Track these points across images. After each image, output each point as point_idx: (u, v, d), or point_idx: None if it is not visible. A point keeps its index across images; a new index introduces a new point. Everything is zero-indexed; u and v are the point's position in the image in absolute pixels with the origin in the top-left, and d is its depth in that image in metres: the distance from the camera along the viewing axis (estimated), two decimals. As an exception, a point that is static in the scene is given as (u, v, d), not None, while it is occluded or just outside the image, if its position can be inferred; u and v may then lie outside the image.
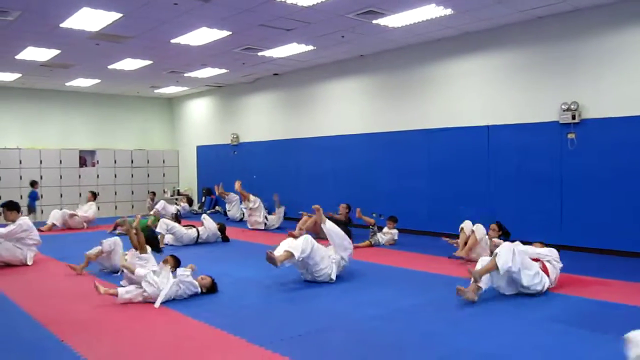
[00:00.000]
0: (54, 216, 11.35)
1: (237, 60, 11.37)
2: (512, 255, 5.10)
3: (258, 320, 4.70)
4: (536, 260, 5.54)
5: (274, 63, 11.75)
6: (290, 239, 6.20)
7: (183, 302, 5.28)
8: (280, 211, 11.44)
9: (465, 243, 7.21)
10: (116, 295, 5.23)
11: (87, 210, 12.12)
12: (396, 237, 9.03)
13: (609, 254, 7.63)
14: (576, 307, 4.99)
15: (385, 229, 9.11)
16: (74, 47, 9.78)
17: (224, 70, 12.46)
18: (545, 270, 5.47)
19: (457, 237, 7.47)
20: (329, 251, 6.20)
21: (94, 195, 12.47)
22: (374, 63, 10.99)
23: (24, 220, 7.43)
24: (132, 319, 4.81)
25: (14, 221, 7.35)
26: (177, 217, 11.13)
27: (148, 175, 16.13)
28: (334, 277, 6.09)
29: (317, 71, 12.19)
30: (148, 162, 16.14)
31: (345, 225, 9.60)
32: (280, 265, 5.74)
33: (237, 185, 11.40)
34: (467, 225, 7.32)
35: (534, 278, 5.24)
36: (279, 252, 5.82)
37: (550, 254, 5.67)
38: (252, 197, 11.17)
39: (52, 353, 3.95)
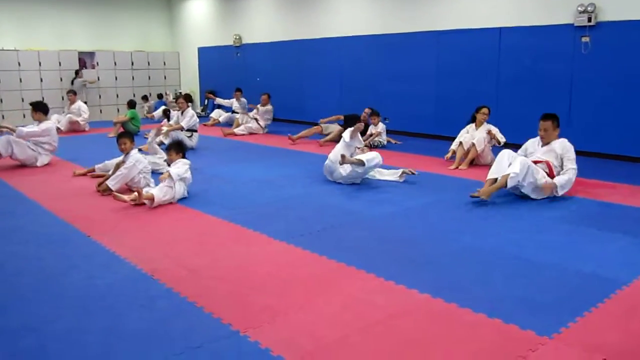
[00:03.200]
0: (58, 120, 11.26)
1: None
2: (525, 174, 5.20)
3: (275, 218, 4.86)
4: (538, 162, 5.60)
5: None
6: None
7: (200, 200, 5.43)
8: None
9: (466, 156, 7.27)
10: (152, 199, 5.14)
11: (82, 112, 11.76)
12: (380, 129, 9.08)
13: (617, 159, 7.74)
14: (584, 209, 5.15)
15: (372, 128, 9.09)
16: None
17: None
18: (551, 172, 5.53)
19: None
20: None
21: (75, 94, 12.08)
22: (383, -40, 10.52)
23: (49, 125, 7.43)
24: (153, 216, 4.97)
25: (40, 121, 7.36)
26: (167, 115, 11.03)
27: (149, 78, 15.88)
28: (359, 180, 6.23)
29: (323, -32, 11.70)
30: (149, 64, 15.84)
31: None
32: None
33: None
34: (465, 138, 7.35)
35: (539, 193, 5.38)
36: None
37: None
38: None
39: (82, 247, 4.12)
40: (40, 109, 7.47)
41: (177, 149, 5.74)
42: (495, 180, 5.29)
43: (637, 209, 5.09)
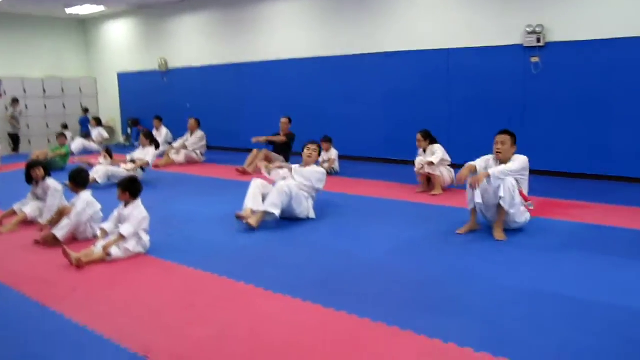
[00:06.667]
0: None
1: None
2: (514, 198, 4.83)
3: (263, 265, 4.28)
4: None
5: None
6: (258, 183, 5.59)
7: (168, 248, 4.71)
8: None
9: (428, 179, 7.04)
10: (109, 255, 4.37)
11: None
12: (334, 156, 8.66)
13: (570, 177, 7.81)
14: (577, 232, 5.00)
15: (323, 154, 8.57)
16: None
17: (151, -13, 11.18)
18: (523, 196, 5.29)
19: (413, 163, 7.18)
20: (301, 187, 5.69)
21: None
22: (322, -19, 10.25)
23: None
24: (119, 271, 4.22)
25: None
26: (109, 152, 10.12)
27: (64, 106, 14.62)
28: (312, 214, 5.71)
29: (257, -11, 11.25)
30: (63, 91, 14.58)
31: (288, 145, 9.14)
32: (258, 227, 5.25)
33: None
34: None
35: (518, 206, 5.01)
36: (252, 212, 5.31)
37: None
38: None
39: (39, 323, 3.33)
40: None
41: (132, 189, 4.86)
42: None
43: (627, 230, 5.00)
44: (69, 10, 13.45)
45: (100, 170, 7.84)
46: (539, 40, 7.81)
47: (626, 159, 7.43)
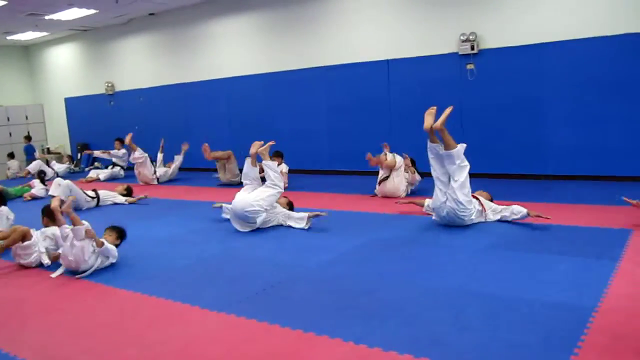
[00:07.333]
0: None
1: (109, -1, 10.17)
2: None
3: (202, 283, 4.29)
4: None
5: (150, 1, 10.70)
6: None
7: (106, 272, 4.68)
8: (177, 160, 10.68)
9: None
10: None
11: None
12: (285, 170, 8.73)
13: (506, 178, 8.09)
14: (513, 232, 5.19)
15: None
16: None
17: (92, 11, 11.11)
18: (483, 207, 5.54)
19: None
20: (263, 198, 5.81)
21: None
22: (261, -3, 10.38)
23: None
24: (54, 298, 4.17)
25: None
26: (42, 178, 10.00)
27: (10, 135, 14.30)
28: (258, 221, 5.76)
29: (198, 9, 11.31)
30: (8, 119, 14.27)
31: None
32: None
33: (128, 138, 10.31)
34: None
35: (469, 203, 5.30)
36: None
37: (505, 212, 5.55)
38: (138, 151, 10.25)
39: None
40: None
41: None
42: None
43: (561, 227, 5.21)
44: (9, 37, 13.22)
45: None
46: (472, 48, 8.10)
47: (559, 157, 7.75)
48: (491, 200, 5.78)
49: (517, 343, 2.89)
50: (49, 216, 5.16)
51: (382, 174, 7.35)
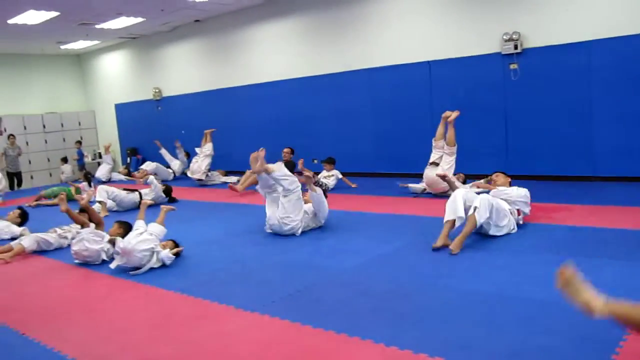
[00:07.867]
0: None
1: (155, 7, 10.46)
2: (489, 213, 4.86)
3: (236, 284, 4.37)
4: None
5: (195, 8, 10.94)
6: None
7: (148, 272, 4.83)
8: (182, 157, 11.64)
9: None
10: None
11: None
12: (340, 176, 8.80)
13: (554, 180, 7.86)
14: (556, 235, 5.03)
15: (325, 173, 8.80)
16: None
17: (140, 19, 11.46)
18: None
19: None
20: (305, 206, 5.90)
21: None
22: (304, 1, 10.45)
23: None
24: (98, 298, 4.33)
25: None
26: (87, 177, 10.55)
27: (64, 140, 14.91)
28: (299, 232, 5.81)
29: (241, 15, 11.49)
30: (62, 125, 14.89)
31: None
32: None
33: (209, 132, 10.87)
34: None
35: (501, 230, 5.04)
36: None
37: (519, 199, 5.33)
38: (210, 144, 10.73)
39: (18, 351, 3.44)
40: None
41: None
42: (453, 222, 4.88)
43: (608, 230, 5.04)
44: (63, 47, 13.80)
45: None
46: (516, 47, 7.93)
47: (608, 158, 7.48)
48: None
49: (550, 348, 2.82)
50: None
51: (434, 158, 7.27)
